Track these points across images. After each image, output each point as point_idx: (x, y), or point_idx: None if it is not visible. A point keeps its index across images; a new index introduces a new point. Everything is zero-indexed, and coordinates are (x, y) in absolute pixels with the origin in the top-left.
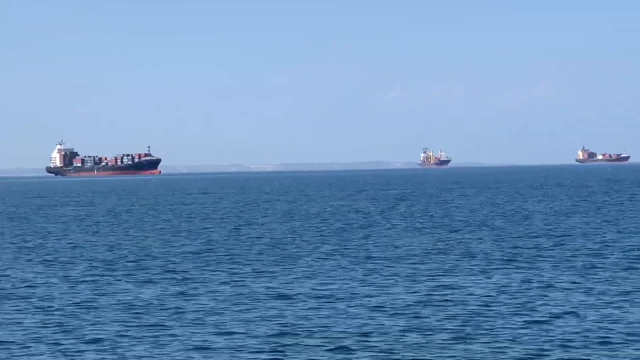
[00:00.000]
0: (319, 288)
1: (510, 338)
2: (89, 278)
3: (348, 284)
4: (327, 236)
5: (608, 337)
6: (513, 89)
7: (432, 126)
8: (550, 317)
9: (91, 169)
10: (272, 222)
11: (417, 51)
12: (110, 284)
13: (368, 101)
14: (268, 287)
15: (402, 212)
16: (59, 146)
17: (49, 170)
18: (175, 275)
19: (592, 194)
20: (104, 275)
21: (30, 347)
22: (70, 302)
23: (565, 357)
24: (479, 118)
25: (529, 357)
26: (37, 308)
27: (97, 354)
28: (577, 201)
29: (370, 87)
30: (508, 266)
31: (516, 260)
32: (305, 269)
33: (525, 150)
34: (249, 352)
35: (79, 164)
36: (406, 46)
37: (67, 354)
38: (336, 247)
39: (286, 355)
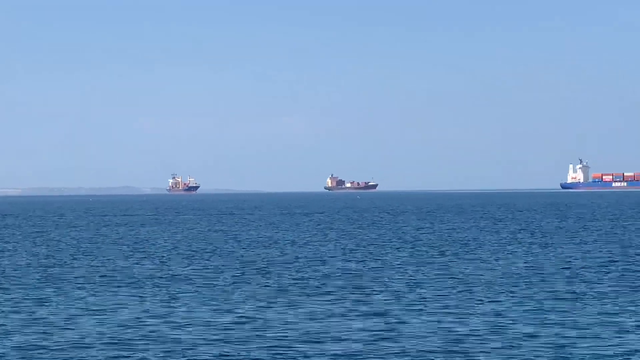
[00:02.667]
0: None
1: None
2: None
3: None
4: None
5: None
6: (263, 117)
7: (182, 153)
8: None
9: None
10: None
11: (164, 82)
12: None
13: (117, 127)
14: None
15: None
16: None
17: None
18: None
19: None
20: None
21: None
22: None
23: None
24: (231, 146)
25: None
26: None
27: None
28: (322, 228)
29: (118, 113)
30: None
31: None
32: None
33: (275, 178)
34: None
35: None
36: (152, 76)
37: None
38: None
39: None
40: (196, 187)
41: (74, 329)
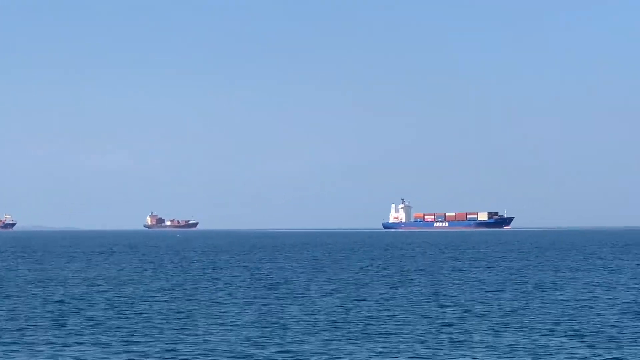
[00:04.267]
0: None
1: None
2: None
3: None
4: None
5: None
6: (85, 154)
7: None
8: None
9: None
10: None
11: None
12: None
13: None
14: None
15: None
16: None
17: None
18: None
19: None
20: None
21: None
22: None
23: None
24: (50, 182)
25: None
26: None
27: None
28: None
29: None
30: None
31: None
32: None
33: (91, 215)
34: None
35: None
36: None
37: None
38: None
39: None
40: (13, 224)
41: None
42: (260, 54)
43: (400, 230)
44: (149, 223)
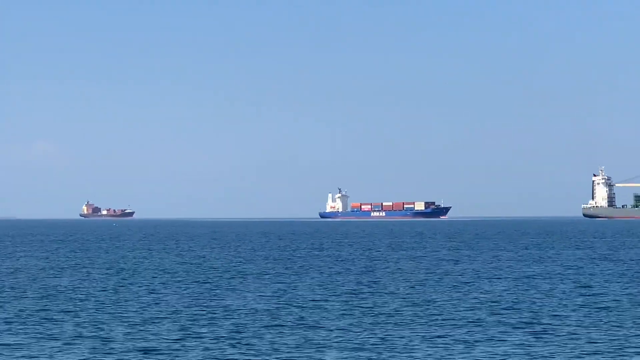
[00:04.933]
0: None
1: None
2: None
3: None
4: None
5: None
6: (10, 144)
7: None
8: None
9: None
10: None
11: None
12: None
13: None
14: None
15: None
16: None
17: None
18: None
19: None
20: None
21: None
22: None
23: None
24: None
25: None
26: None
27: None
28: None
29: None
30: None
31: None
32: None
33: (28, 205)
34: None
35: None
36: None
37: None
38: None
39: None
40: None
41: None
42: (193, 44)
43: (337, 219)
44: (85, 212)
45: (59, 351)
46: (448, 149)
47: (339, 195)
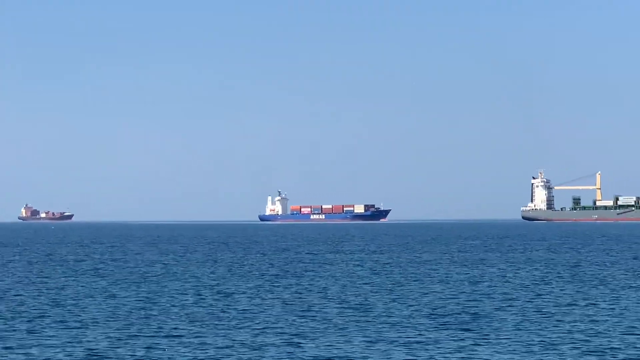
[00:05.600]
0: None
1: None
2: None
3: None
4: None
5: None
6: None
7: None
8: None
9: None
10: None
11: None
12: None
13: None
14: None
15: None
16: None
17: None
18: None
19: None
20: None
21: None
22: None
23: None
24: None
25: None
26: None
27: None
28: None
29: None
30: None
31: None
32: None
33: None
34: None
35: None
36: None
37: None
38: None
39: None
40: None
41: None
42: (139, 40)
43: (276, 222)
44: (24, 215)
45: None
46: (388, 152)
47: (278, 198)
